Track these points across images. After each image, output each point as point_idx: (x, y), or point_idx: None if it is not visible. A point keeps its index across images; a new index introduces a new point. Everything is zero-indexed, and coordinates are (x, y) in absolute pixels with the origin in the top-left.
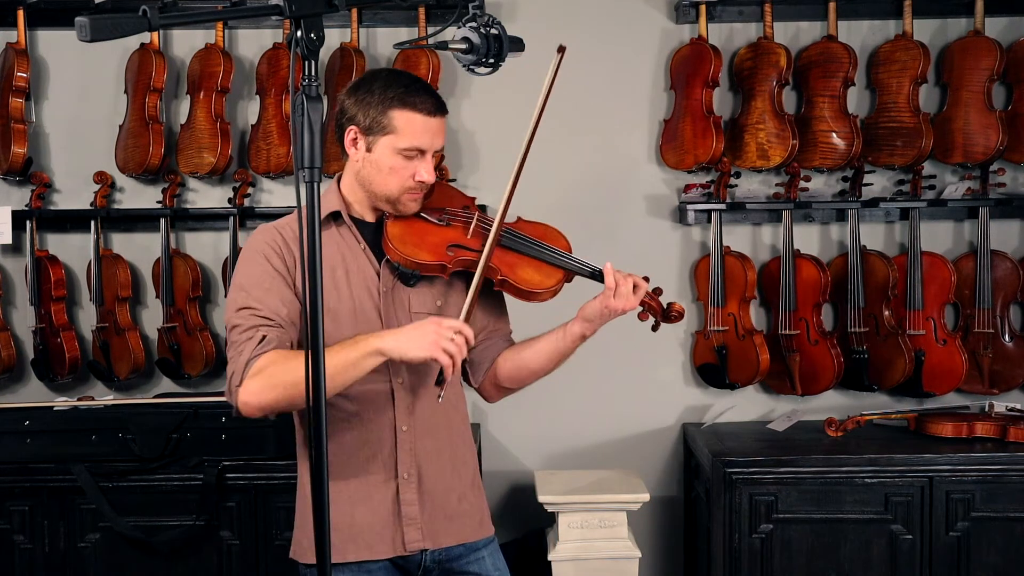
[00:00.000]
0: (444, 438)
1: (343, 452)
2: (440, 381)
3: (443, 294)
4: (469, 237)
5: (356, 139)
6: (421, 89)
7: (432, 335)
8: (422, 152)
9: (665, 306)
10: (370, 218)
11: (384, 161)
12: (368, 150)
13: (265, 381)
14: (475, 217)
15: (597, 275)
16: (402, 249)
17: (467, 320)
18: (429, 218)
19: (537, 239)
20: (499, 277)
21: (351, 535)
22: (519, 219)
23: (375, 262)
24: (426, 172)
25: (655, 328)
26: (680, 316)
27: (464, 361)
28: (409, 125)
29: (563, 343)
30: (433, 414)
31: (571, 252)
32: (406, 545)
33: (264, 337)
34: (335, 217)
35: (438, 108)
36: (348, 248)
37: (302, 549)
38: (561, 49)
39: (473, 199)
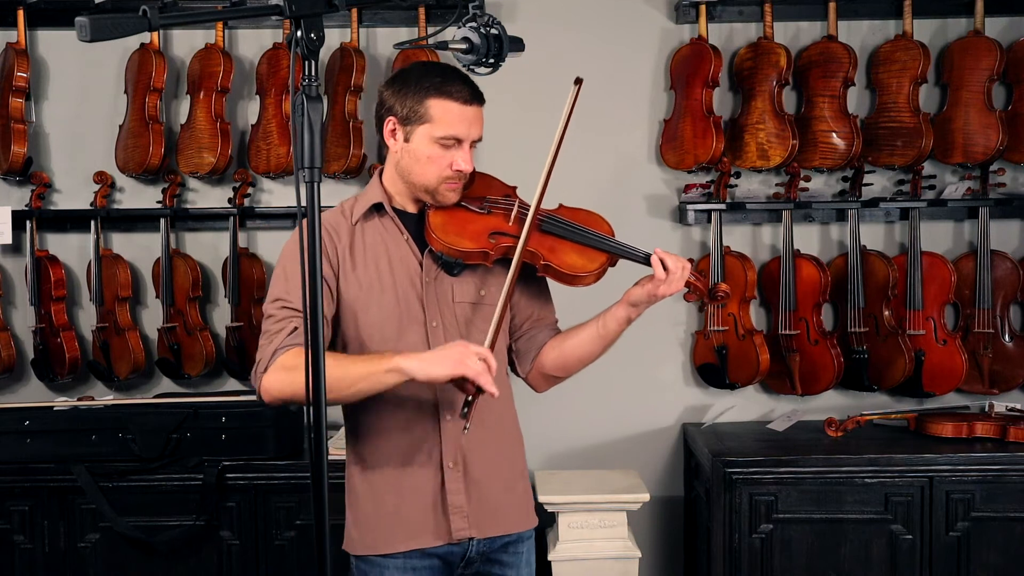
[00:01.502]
0: (491, 427)
1: (388, 442)
2: (465, 413)
3: (484, 283)
4: (511, 224)
5: (395, 130)
6: (458, 78)
7: (457, 355)
8: (459, 141)
9: (711, 286)
10: (412, 209)
11: (422, 150)
12: (406, 140)
13: (286, 376)
14: (516, 204)
15: (640, 258)
16: (444, 238)
17: (492, 346)
18: (470, 207)
19: (578, 223)
20: (542, 262)
21: (397, 525)
22: (560, 206)
23: (418, 252)
24: (463, 161)
25: (701, 308)
26: (726, 296)
27: (510, 351)
28: (445, 114)
29: (609, 327)
30: (480, 404)
31: (614, 236)
32: (452, 534)
33: (295, 328)
34: (378, 208)
35: (474, 97)
36: (391, 239)
37: (352, 541)
38: (578, 81)
39: (515, 188)
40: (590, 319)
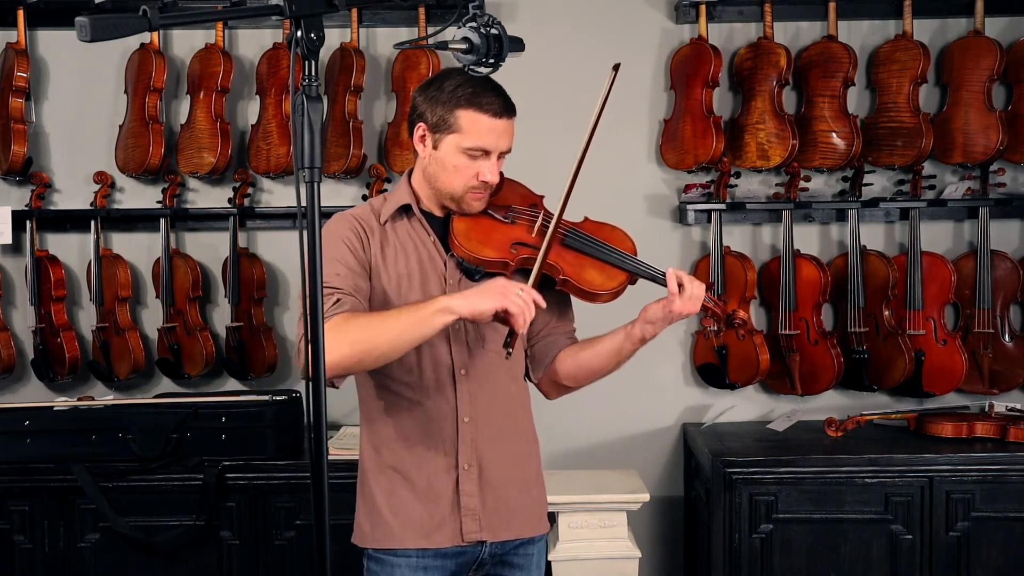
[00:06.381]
0: (506, 430)
1: (405, 440)
2: (508, 343)
3: None
4: (533, 235)
5: (424, 136)
6: (490, 90)
7: (500, 288)
8: (486, 152)
9: (729, 312)
10: (439, 213)
11: (449, 159)
12: (435, 147)
13: (334, 338)
14: (540, 216)
15: (660, 279)
16: (467, 245)
17: (534, 284)
18: (495, 215)
19: (602, 240)
20: (561, 276)
21: (410, 523)
22: (586, 219)
23: (443, 254)
24: (490, 172)
25: (717, 334)
26: (744, 323)
27: (526, 356)
28: (474, 125)
29: (623, 344)
30: (495, 406)
31: (636, 254)
32: (464, 536)
33: (338, 300)
34: (406, 210)
35: (505, 110)
36: (419, 239)
37: (363, 534)
38: (616, 67)
39: (541, 197)
40: (606, 333)
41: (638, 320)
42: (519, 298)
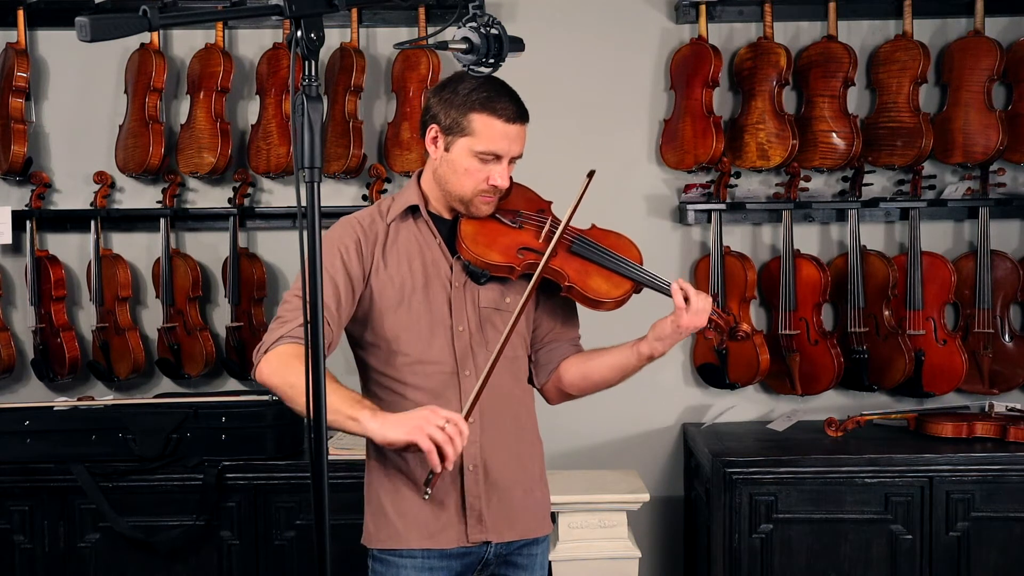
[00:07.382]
0: (511, 432)
1: None
2: (427, 480)
3: (510, 291)
4: (540, 241)
5: (436, 138)
6: (504, 95)
7: (418, 421)
8: (498, 157)
9: (733, 325)
10: (447, 215)
11: (460, 162)
12: (446, 150)
13: (277, 367)
14: (548, 222)
15: (665, 289)
16: (473, 248)
17: (468, 414)
18: (502, 219)
19: (608, 248)
20: (567, 283)
21: (415, 523)
22: (593, 226)
23: (449, 256)
24: (500, 177)
25: (720, 346)
26: (747, 336)
27: (530, 361)
28: (487, 129)
29: (630, 360)
30: (500, 408)
31: (642, 263)
32: (469, 536)
33: (302, 324)
34: (413, 211)
35: (519, 115)
36: (425, 241)
37: (368, 535)
38: (590, 174)
39: (550, 203)
40: (613, 346)
41: (647, 337)
42: (440, 433)
